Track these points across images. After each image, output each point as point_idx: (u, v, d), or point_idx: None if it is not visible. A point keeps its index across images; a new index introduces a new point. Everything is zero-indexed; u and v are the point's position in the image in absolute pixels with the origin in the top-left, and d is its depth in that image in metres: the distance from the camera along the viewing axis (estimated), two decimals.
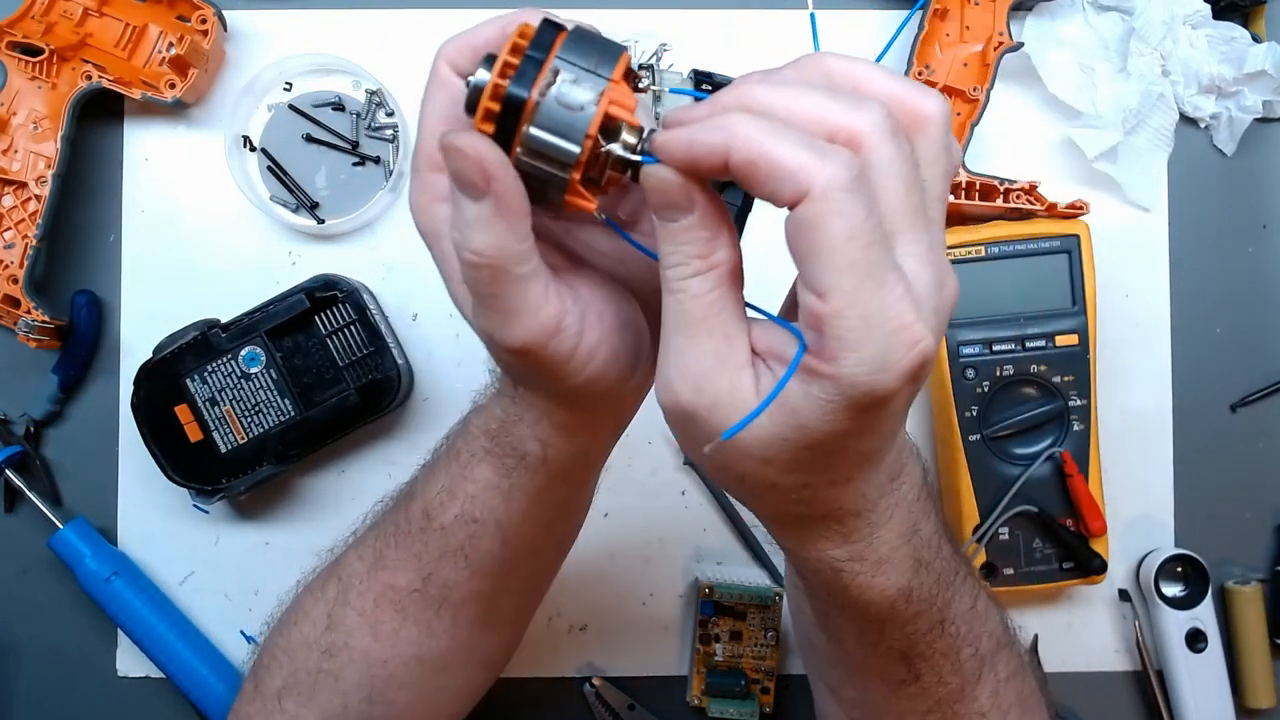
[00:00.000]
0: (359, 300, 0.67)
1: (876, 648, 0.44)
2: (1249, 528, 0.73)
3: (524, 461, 0.45)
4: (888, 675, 0.45)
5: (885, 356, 0.31)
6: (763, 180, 0.31)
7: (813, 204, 0.30)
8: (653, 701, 0.72)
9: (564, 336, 0.37)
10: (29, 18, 0.67)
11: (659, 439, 0.72)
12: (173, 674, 0.69)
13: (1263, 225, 0.74)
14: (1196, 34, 0.71)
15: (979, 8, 0.70)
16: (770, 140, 0.31)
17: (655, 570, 0.72)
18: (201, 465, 0.67)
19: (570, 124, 0.33)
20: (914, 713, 0.46)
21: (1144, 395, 0.73)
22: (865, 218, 0.30)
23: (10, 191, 0.68)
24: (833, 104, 0.32)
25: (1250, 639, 0.71)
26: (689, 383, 0.34)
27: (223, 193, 0.71)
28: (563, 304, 0.37)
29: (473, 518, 0.47)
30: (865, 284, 0.31)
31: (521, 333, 0.36)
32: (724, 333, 0.34)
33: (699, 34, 0.71)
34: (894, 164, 0.32)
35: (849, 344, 0.31)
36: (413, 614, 0.50)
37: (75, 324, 0.69)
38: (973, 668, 0.45)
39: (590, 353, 0.38)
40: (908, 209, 0.32)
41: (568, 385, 0.39)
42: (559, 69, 0.34)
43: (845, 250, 0.30)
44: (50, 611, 0.72)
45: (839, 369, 0.31)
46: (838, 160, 0.30)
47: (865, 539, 0.39)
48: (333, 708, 0.52)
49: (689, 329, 0.34)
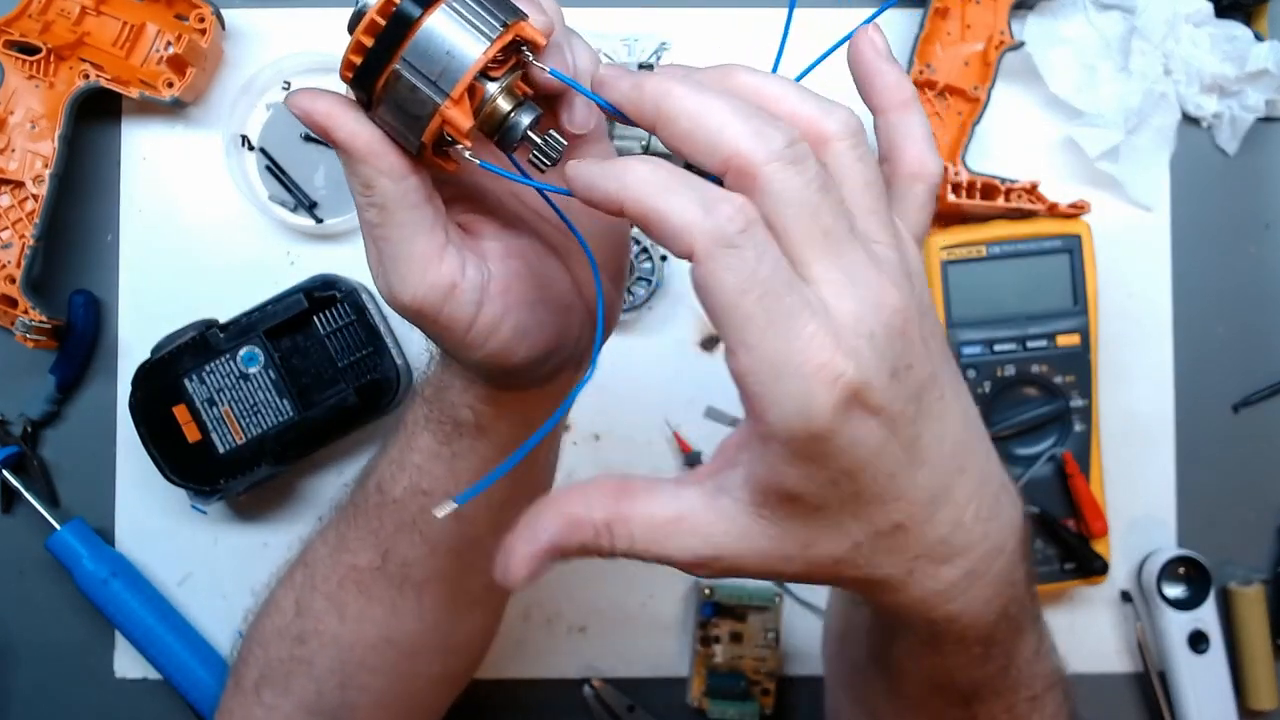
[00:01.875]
0: (358, 300, 0.67)
1: (939, 692, 0.43)
2: (1251, 528, 0.73)
3: (460, 429, 0.45)
4: (941, 715, 0.44)
5: (805, 399, 0.30)
6: (656, 235, 0.31)
7: (700, 264, 0.30)
8: (653, 703, 0.71)
9: (459, 302, 0.37)
10: (26, 16, 0.67)
11: (659, 439, 0.72)
12: (171, 675, 0.69)
13: (1265, 225, 0.74)
14: (1199, 32, 0.71)
15: (980, 6, 0.70)
16: (659, 197, 0.30)
17: (655, 571, 0.72)
18: (200, 466, 0.67)
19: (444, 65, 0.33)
20: None
21: (1146, 395, 0.73)
22: (754, 269, 0.30)
23: (7, 191, 0.68)
24: (733, 127, 0.31)
25: (1253, 640, 0.71)
26: (704, 555, 0.34)
27: (221, 192, 0.71)
28: (462, 267, 0.37)
29: (421, 489, 0.47)
30: (767, 335, 0.30)
31: (413, 286, 0.36)
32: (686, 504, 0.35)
33: (699, 34, 0.71)
34: (794, 193, 0.31)
35: (766, 399, 0.30)
36: (376, 594, 0.50)
37: (73, 324, 0.69)
38: (1024, 710, 0.44)
39: (492, 324, 0.38)
40: (816, 236, 0.31)
41: (472, 357, 0.39)
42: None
43: (739, 305, 0.30)
44: (48, 612, 0.71)
45: (769, 426, 0.31)
46: (721, 215, 0.30)
47: (962, 594, 0.36)
48: (308, 695, 0.51)
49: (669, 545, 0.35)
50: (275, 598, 0.54)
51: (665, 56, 0.70)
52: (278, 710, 0.52)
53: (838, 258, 0.31)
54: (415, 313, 0.37)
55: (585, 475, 0.74)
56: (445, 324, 0.37)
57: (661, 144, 0.33)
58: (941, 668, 0.41)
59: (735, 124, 0.30)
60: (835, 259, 0.31)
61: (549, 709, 0.72)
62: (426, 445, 0.46)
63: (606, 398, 0.72)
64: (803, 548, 0.34)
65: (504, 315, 0.38)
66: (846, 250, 0.31)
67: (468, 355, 0.39)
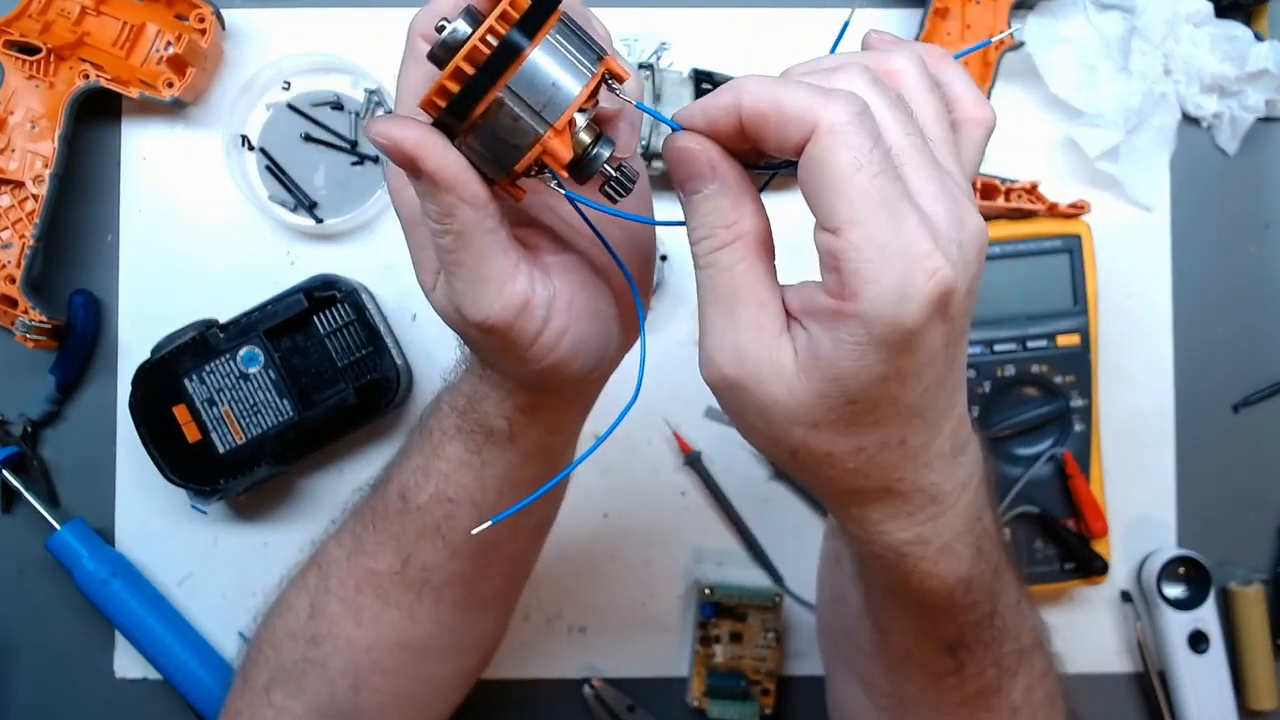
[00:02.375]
0: (358, 300, 0.67)
1: (925, 639, 0.44)
2: (1251, 528, 0.73)
3: (492, 438, 0.45)
4: (931, 666, 0.45)
5: (905, 286, 0.31)
6: (773, 128, 0.32)
7: (819, 140, 0.31)
8: (653, 703, 0.71)
9: (531, 317, 0.37)
10: (26, 16, 0.67)
11: (659, 439, 0.72)
12: (171, 675, 0.69)
13: (1265, 225, 0.74)
14: (1199, 32, 0.71)
15: (980, 6, 0.70)
16: (777, 89, 0.32)
17: (655, 571, 0.72)
18: (200, 466, 0.67)
19: (550, 97, 0.33)
20: (949, 704, 0.46)
21: (1146, 395, 0.73)
22: (871, 148, 0.31)
23: (7, 191, 0.68)
24: (818, 73, 0.33)
25: (1253, 640, 0.71)
26: (729, 355, 0.34)
27: (221, 192, 0.71)
28: (532, 284, 0.37)
29: (447, 497, 0.47)
30: (877, 213, 0.31)
31: (487, 306, 0.37)
32: (758, 301, 0.34)
33: (699, 34, 0.71)
34: (888, 108, 0.33)
35: (867, 275, 0.31)
36: (394, 598, 0.50)
37: (73, 324, 0.69)
38: (1011, 661, 0.45)
39: (556, 338, 0.39)
40: (912, 149, 0.33)
41: (531, 370, 0.39)
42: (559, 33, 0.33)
43: (854, 181, 0.31)
44: (48, 613, 0.71)
45: (860, 305, 0.31)
46: (840, 98, 0.31)
47: (931, 521, 0.38)
48: (320, 697, 0.52)
49: (722, 302, 0.34)
50: (287, 599, 0.54)
51: (665, 56, 0.70)
52: (288, 711, 0.52)
53: (931, 171, 0.33)
54: (487, 331, 0.38)
55: (585, 475, 0.74)
56: (515, 339, 0.38)
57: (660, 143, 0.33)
58: (926, 612, 0.42)
59: (813, 90, 0.32)
60: (929, 172, 0.33)
61: (549, 709, 0.72)
62: (456, 454, 0.47)
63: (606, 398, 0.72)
64: (811, 424, 0.34)
65: (567, 328, 0.39)
66: (934, 168, 0.33)
67: (528, 368, 0.39)
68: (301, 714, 0.52)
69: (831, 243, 0.31)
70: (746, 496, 0.72)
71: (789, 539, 0.72)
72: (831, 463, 0.36)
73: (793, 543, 0.72)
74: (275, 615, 0.54)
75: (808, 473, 0.37)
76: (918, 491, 0.37)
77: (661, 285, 0.71)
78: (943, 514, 0.38)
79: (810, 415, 0.34)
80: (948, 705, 0.46)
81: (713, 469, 0.72)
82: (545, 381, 0.41)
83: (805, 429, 0.34)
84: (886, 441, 0.35)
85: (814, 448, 0.35)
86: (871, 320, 0.31)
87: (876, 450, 0.35)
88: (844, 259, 0.31)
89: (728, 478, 0.72)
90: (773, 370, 0.34)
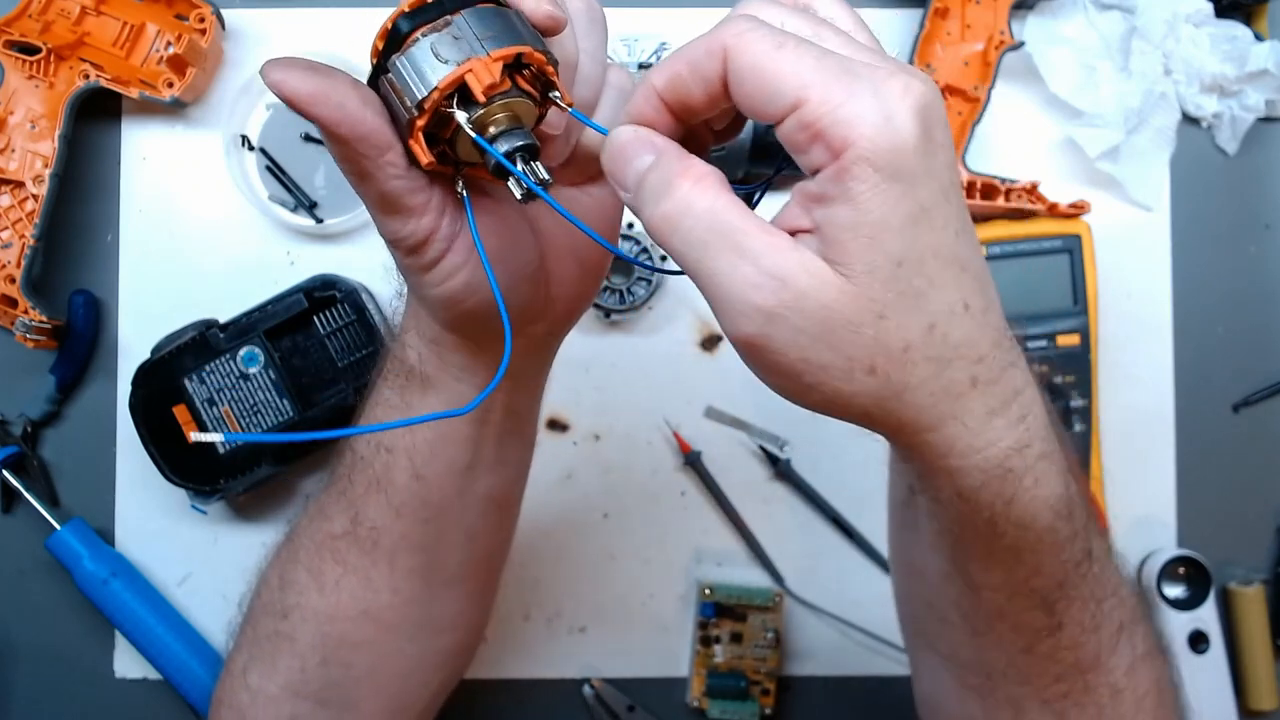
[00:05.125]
0: (358, 300, 0.67)
1: (1020, 592, 0.41)
2: (1252, 529, 0.73)
3: (412, 380, 0.46)
4: (1026, 626, 0.42)
5: (884, 107, 0.31)
6: (690, 79, 0.35)
7: (732, 55, 0.33)
8: (652, 703, 0.71)
9: (428, 250, 0.39)
10: (26, 16, 0.67)
11: (659, 439, 0.72)
12: (171, 675, 0.69)
13: (1265, 225, 0.74)
14: (1199, 32, 0.71)
15: (980, 6, 0.70)
16: (678, 54, 0.35)
17: (655, 571, 0.72)
18: (200, 466, 0.67)
19: (425, 72, 0.35)
20: (1044, 676, 0.43)
21: (1146, 395, 0.73)
22: (780, 29, 0.33)
23: (7, 191, 0.68)
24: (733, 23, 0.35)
25: (1253, 641, 0.71)
26: (764, 288, 0.32)
27: (221, 192, 0.71)
28: (438, 221, 0.39)
29: (383, 445, 0.48)
30: (823, 67, 0.32)
31: (386, 232, 0.39)
32: (758, 227, 0.33)
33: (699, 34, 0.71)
34: (789, 13, 0.35)
35: (847, 117, 0.31)
36: (350, 561, 0.50)
37: (73, 324, 0.69)
38: (1111, 630, 0.43)
39: (451, 270, 0.40)
40: (829, 33, 0.34)
41: (429, 293, 0.41)
42: (455, 24, 0.35)
43: (782, 56, 0.32)
44: (48, 613, 0.71)
45: (857, 146, 0.31)
46: (730, 19, 0.34)
47: (1025, 416, 0.36)
48: (292, 674, 0.52)
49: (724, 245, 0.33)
50: (264, 576, 0.55)
51: (665, 56, 0.70)
52: (263, 694, 0.52)
53: (856, 47, 0.34)
54: (390, 245, 0.40)
55: (585, 475, 0.75)
56: (412, 260, 0.40)
57: None
58: (1025, 561, 0.39)
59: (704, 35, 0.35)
60: (855, 47, 0.34)
61: (549, 709, 0.72)
62: (385, 397, 0.48)
63: (606, 398, 0.72)
64: (876, 317, 0.33)
65: (460, 266, 0.40)
66: (860, 47, 0.34)
67: (426, 290, 0.41)
68: (276, 695, 0.52)
69: (801, 117, 0.32)
70: (746, 496, 0.72)
71: (789, 539, 0.72)
72: (913, 359, 0.33)
73: (793, 543, 0.72)
74: (253, 594, 0.55)
75: (895, 390, 0.34)
76: (1000, 377, 0.35)
77: (661, 285, 0.71)
78: (1029, 409, 0.36)
79: (871, 301, 0.32)
80: (1041, 679, 0.44)
81: (713, 469, 0.72)
82: (443, 309, 0.42)
83: (874, 324, 0.33)
84: (952, 307, 0.34)
85: (891, 344, 0.33)
86: (873, 153, 0.31)
87: (947, 322, 0.34)
88: (819, 120, 0.31)
89: (728, 478, 0.72)
90: (813, 276, 0.32)
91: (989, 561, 0.40)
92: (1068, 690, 0.44)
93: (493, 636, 0.71)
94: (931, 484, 0.38)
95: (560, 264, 0.44)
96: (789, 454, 0.72)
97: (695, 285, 0.34)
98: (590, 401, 0.72)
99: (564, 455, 0.72)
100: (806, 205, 0.33)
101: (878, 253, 0.32)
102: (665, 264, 0.70)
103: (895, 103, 0.31)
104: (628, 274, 0.70)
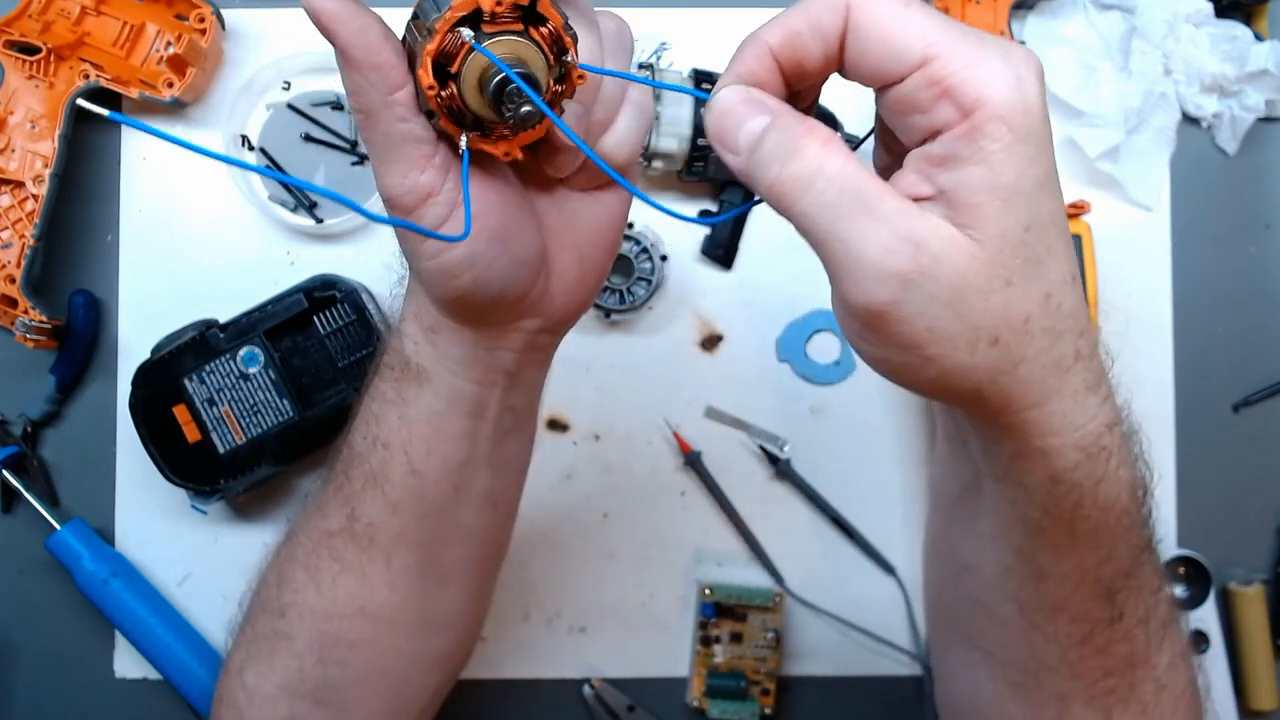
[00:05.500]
0: (358, 300, 0.67)
1: (1087, 580, 0.41)
2: (1251, 529, 0.73)
3: (406, 372, 0.46)
4: (1086, 617, 0.42)
5: (1014, 70, 0.32)
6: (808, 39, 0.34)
7: (858, 13, 0.33)
8: (652, 703, 0.71)
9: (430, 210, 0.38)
10: (26, 16, 0.67)
11: (659, 439, 0.72)
12: (171, 675, 0.69)
13: (1265, 225, 0.74)
14: (1199, 32, 0.71)
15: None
16: (793, 12, 0.34)
17: (655, 571, 0.72)
18: (200, 466, 0.67)
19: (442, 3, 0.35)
20: (1095, 671, 0.44)
21: (1146, 395, 0.73)
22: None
23: (7, 191, 0.68)
24: None
25: (1253, 641, 0.71)
26: (902, 251, 0.32)
27: (221, 192, 0.71)
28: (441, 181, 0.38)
29: (380, 440, 0.48)
30: (950, 27, 0.32)
31: (390, 185, 0.38)
32: (886, 191, 0.33)
33: (699, 34, 0.71)
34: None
35: (980, 75, 0.31)
36: (346, 558, 0.50)
37: (73, 324, 0.69)
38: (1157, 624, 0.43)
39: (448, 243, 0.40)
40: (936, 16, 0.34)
41: (426, 265, 0.40)
42: None
43: (910, 15, 0.32)
44: (47, 613, 0.71)
45: (991, 104, 0.32)
46: None
47: (1107, 398, 0.38)
48: (289, 672, 0.52)
49: (857, 208, 0.33)
50: (262, 575, 0.55)
51: (665, 56, 0.70)
52: (259, 692, 0.52)
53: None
54: (387, 202, 0.39)
55: (585, 475, 0.75)
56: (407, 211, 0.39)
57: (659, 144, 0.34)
58: (1101, 546, 0.40)
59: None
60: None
61: (549, 709, 0.72)
62: (381, 391, 0.48)
63: (606, 398, 0.72)
64: (1004, 284, 0.33)
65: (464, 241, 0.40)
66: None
67: (422, 262, 0.41)
68: (273, 694, 0.52)
69: (929, 75, 0.32)
70: (746, 496, 0.72)
71: (789, 539, 0.72)
72: (1031, 332, 0.34)
73: (793, 543, 0.72)
74: (252, 592, 0.55)
75: (1012, 363, 0.34)
76: (1092, 352, 0.37)
77: (661, 285, 0.71)
78: (1112, 389, 0.38)
79: (1001, 268, 0.33)
80: (1090, 673, 0.44)
81: (713, 469, 0.72)
82: (438, 288, 0.42)
83: (1001, 292, 0.33)
84: (1064, 276, 0.34)
85: (1014, 315, 0.33)
86: (1007, 112, 0.32)
87: (1061, 291, 0.34)
88: (950, 77, 0.32)
89: (728, 478, 0.72)
90: (945, 241, 0.32)
91: (1064, 549, 0.41)
92: (1114, 686, 0.44)
93: (492, 636, 0.71)
94: (1021, 467, 0.38)
95: (561, 258, 0.44)
96: (789, 454, 0.72)
97: (816, 251, 0.34)
98: (590, 401, 0.72)
99: (564, 455, 0.72)
100: (927, 171, 0.33)
101: (1010, 217, 0.32)
102: (665, 259, 0.70)
103: (1023, 67, 0.32)
104: (628, 274, 0.70)
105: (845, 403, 0.72)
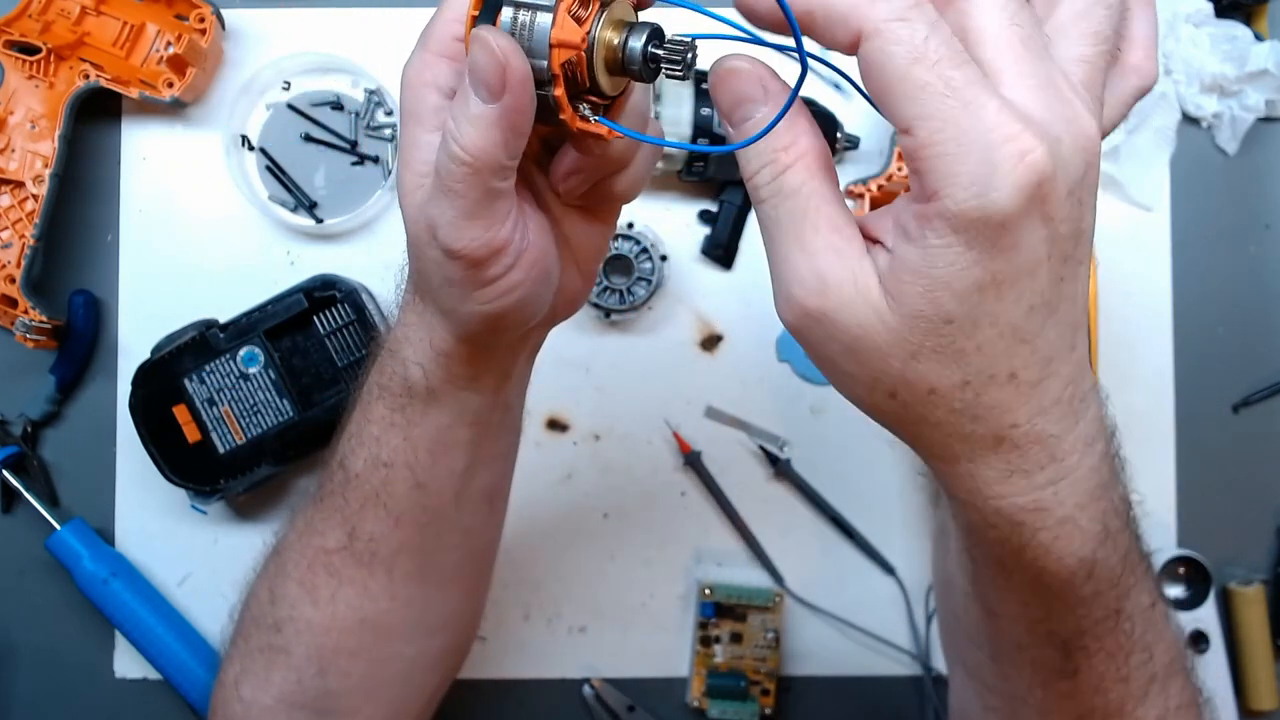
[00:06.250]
0: (358, 300, 0.67)
1: (1037, 629, 0.40)
2: (1251, 529, 0.73)
3: (412, 395, 0.45)
4: (1043, 664, 0.41)
5: (990, 172, 0.29)
6: (820, 29, 0.31)
7: (868, 41, 0.30)
8: (652, 703, 0.71)
9: (499, 262, 0.38)
10: (26, 16, 0.67)
11: (659, 439, 0.72)
12: (170, 675, 0.69)
13: (1265, 225, 0.74)
14: (1199, 32, 0.71)
15: None
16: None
17: (655, 571, 0.72)
18: (200, 466, 0.67)
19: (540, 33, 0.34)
20: (1064, 713, 0.42)
21: (1146, 395, 0.73)
22: (926, 38, 0.29)
23: (7, 191, 0.68)
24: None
25: (1253, 641, 0.71)
26: (808, 286, 0.32)
27: (221, 192, 0.71)
28: (514, 233, 0.38)
29: (382, 461, 0.47)
30: (944, 103, 0.29)
31: (466, 239, 0.37)
32: (830, 224, 0.32)
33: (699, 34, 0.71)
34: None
35: (944, 169, 0.29)
36: (347, 575, 0.50)
37: (73, 324, 0.69)
38: (1141, 681, 0.41)
39: (511, 287, 0.39)
40: (1007, 35, 0.31)
41: (471, 308, 0.39)
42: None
43: (911, 74, 0.29)
44: (47, 613, 0.71)
45: (943, 202, 0.29)
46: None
47: (1051, 485, 0.34)
48: (287, 685, 0.51)
49: (793, 230, 0.33)
50: (253, 589, 0.54)
51: None
52: (256, 705, 0.52)
53: (1031, 65, 0.30)
54: (456, 257, 0.37)
55: (585, 475, 0.74)
56: (476, 273, 0.38)
57: None
58: (1039, 597, 0.38)
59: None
60: (1028, 66, 0.30)
61: (549, 709, 0.72)
62: (382, 415, 0.47)
63: (606, 398, 0.72)
64: (909, 355, 0.32)
65: (524, 282, 0.39)
66: (1035, 59, 0.31)
67: (469, 305, 0.39)
68: (271, 706, 0.52)
69: (907, 143, 0.30)
70: (746, 496, 0.72)
71: (789, 539, 0.72)
72: (936, 403, 0.33)
73: (793, 543, 0.72)
74: (242, 605, 0.55)
75: (912, 418, 0.34)
76: (1034, 444, 0.33)
77: (661, 285, 0.71)
78: (1063, 476, 0.34)
79: (906, 342, 0.31)
80: (1061, 714, 0.42)
81: (713, 469, 0.72)
82: (477, 324, 0.41)
83: (903, 360, 0.32)
84: (994, 373, 0.32)
85: (915, 383, 0.32)
86: (955, 215, 0.29)
87: (984, 385, 0.32)
88: (919, 157, 0.30)
89: (728, 478, 0.72)
90: (858, 294, 0.32)
91: (1005, 590, 0.39)
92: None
93: (492, 636, 0.71)
94: (949, 501, 0.38)
95: (568, 272, 0.44)
96: (789, 454, 0.72)
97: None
98: (590, 401, 0.72)
99: (564, 455, 0.72)
100: (897, 221, 0.32)
101: (929, 305, 0.31)
102: (665, 259, 0.70)
103: (1002, 171, 0.29)
104: (628, 274, 0.70)
105: (845, 403, 0.72)
